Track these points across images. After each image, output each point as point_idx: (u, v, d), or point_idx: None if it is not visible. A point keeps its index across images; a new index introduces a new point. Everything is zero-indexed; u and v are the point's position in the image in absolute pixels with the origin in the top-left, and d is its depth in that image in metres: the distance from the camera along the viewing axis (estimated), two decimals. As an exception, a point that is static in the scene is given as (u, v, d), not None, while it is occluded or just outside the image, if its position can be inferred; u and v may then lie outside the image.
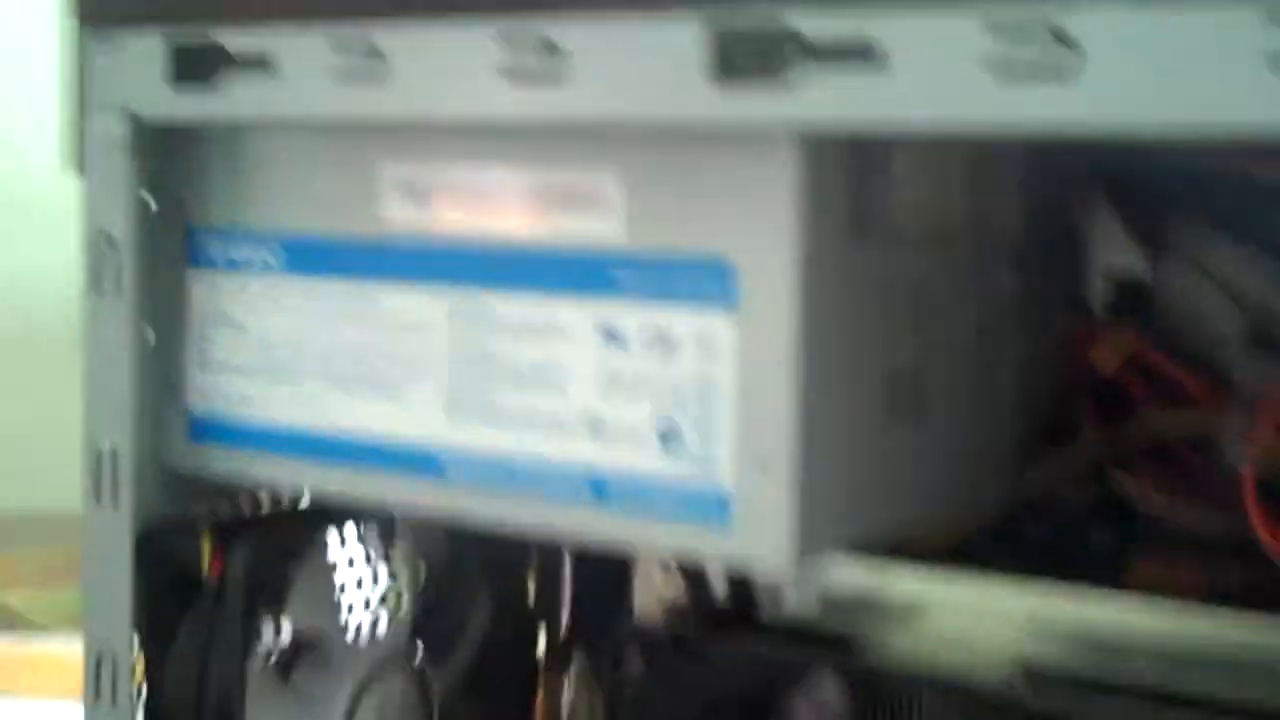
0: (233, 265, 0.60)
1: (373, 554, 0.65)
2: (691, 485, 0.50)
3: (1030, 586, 0.59)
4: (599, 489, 0.52)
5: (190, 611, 0.60)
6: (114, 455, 0.60)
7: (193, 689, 0.59)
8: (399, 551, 0.66)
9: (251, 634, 0.60)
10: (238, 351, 0.60)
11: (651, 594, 0.62)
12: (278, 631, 0.61)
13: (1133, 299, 0.58)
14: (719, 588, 0.62)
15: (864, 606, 0.62)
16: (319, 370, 0.58)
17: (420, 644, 0.66)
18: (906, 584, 0.61)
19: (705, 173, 0.49)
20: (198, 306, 0.61)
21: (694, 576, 0.62)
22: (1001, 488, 0.62)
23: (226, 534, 0.61)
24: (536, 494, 0.53)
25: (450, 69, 0.51)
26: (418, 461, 0.56)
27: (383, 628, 0.65)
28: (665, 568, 0.60)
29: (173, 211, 0.61)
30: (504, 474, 0.54)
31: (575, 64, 0.49)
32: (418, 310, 0.56)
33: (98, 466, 0.61)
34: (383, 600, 0.66)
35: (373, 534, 0.65)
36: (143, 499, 0.61)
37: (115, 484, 0.60)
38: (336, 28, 0.53)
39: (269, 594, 0.61)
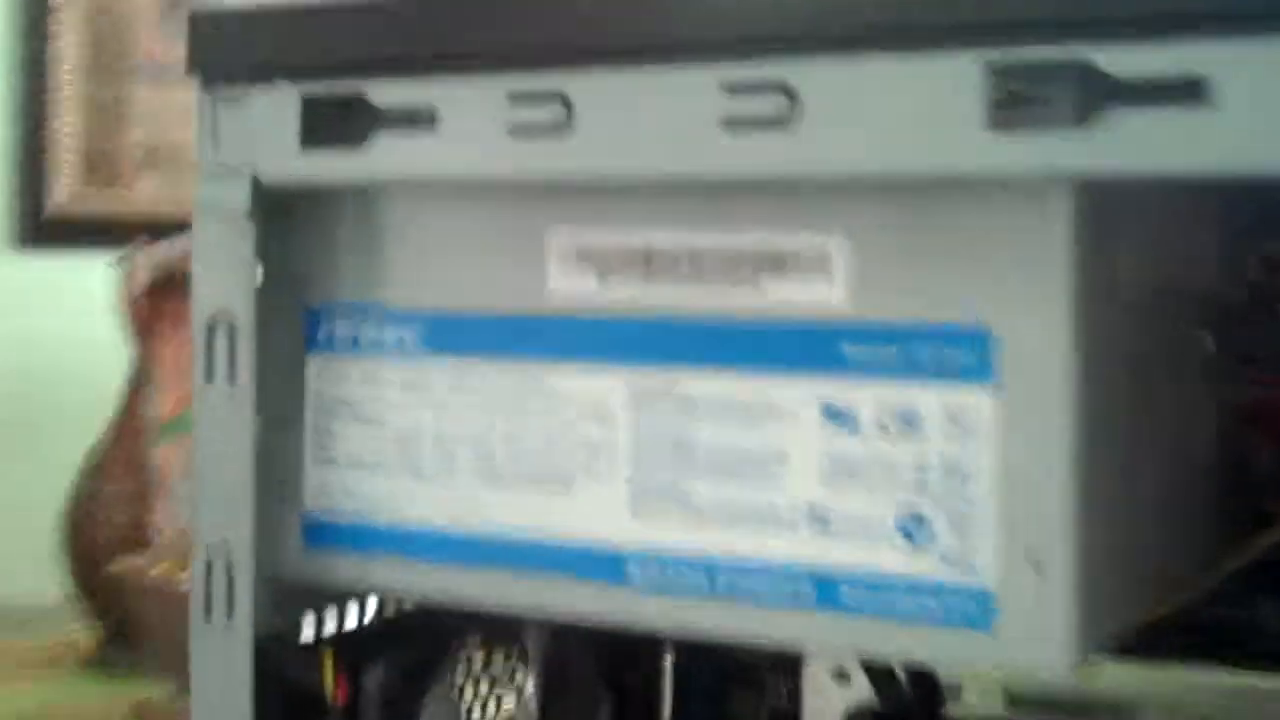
0: (360, 347, 0.54)
1: (499, 671, 0.58)
2: (943, 583, 0.44)
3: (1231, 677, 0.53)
4: (826, 591, 0.46)
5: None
6: (229, 564, 0.53)
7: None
8: (524, 665, 0.59)
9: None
10: (365, 444, 0.54)
11: (820, 699, 0.56)
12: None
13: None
14: (904, 690, 0.56)
15: (1054, 702, 0.57)
16: (467, 464, 0.52)
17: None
18: (1106, 678, 0.55)
19: (954, 230, 0.44)
20: (316, 395, 0.55)
21: (880, 679, 0.56)
22: (1194, 568, 0.57)
23: (354, 652, 0.54)
24: (747, 599, 0.47)
25: (656, 119, 0.45)
26: (596, 564, 0.49)
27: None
28: (839, 673, 0.53)
29: (290, 288, 0.54)
30: (704, 576, 0.48)
31: (813, 111, 0.43)
32: (594, 393, 0.49)
33: (208, 576, 0.53)
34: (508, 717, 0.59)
35: (499, 648, 0.58)
36: (256, 611, 0.53)
37: (231, 596, 0.53)
38: (508, 77, 0.47)
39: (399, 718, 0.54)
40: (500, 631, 0.58)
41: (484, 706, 0.58)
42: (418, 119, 0.49)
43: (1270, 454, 0.57)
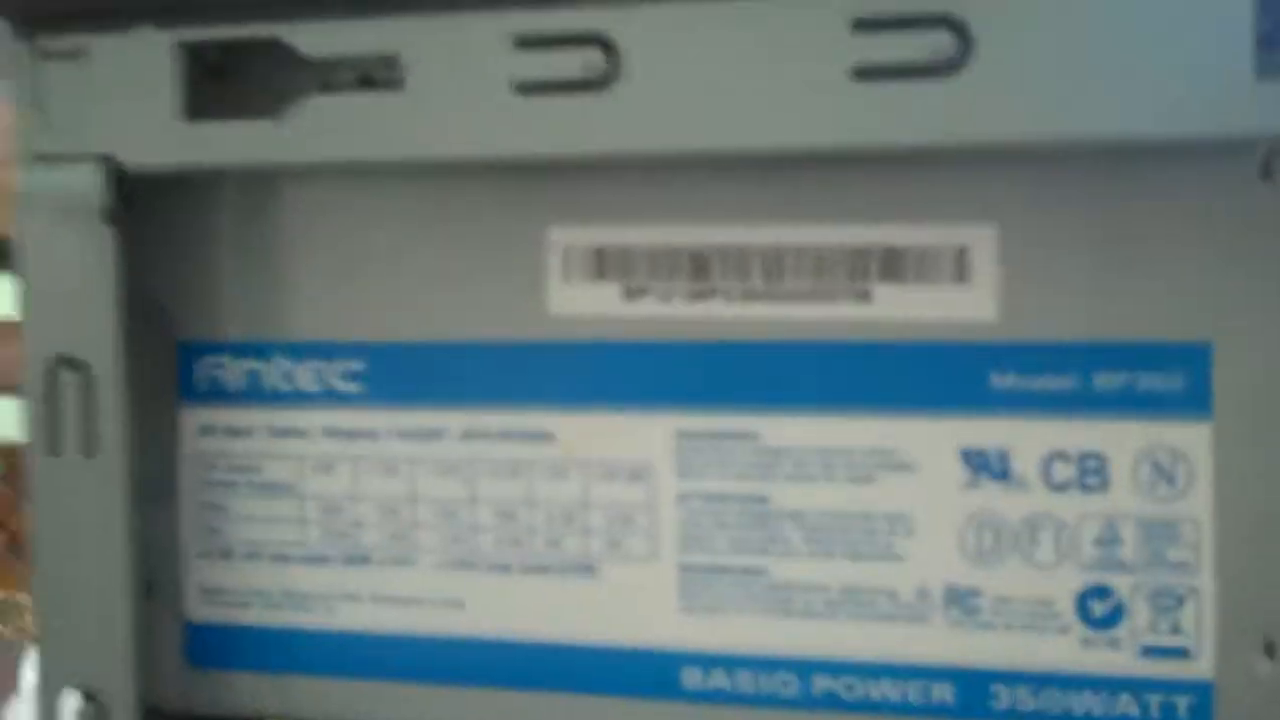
0: (264, 397, 0.39)
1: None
2: (1146, 679, 0.34)
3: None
4: (974, 695, 0.35)
5: None
6: (97, 708, 0.38)
7: None
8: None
9: None
10: (272, 526, 0.39)
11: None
12: None
13: None
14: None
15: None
16: (435, 547, 0.38)
17: None
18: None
19: (1149, 217, 0.33)
20: (197, 463, 0.40)
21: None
22: None
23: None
24: (859, 711, 0.35)
25: (772, 68, 0.33)
26: (634, 674, 0.37)
27: None
28: None
29: (157, 318, 0.39)
30: (791, 682, 0.36)
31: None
32: (625, 446, 0.37)
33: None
34: None
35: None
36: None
37: (98, 750, 0.38)
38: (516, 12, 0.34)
39: None
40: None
41: None
42: (374, 74, 0.35)
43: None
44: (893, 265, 0.35)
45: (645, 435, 0.36)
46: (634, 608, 0.37)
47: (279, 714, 0.40)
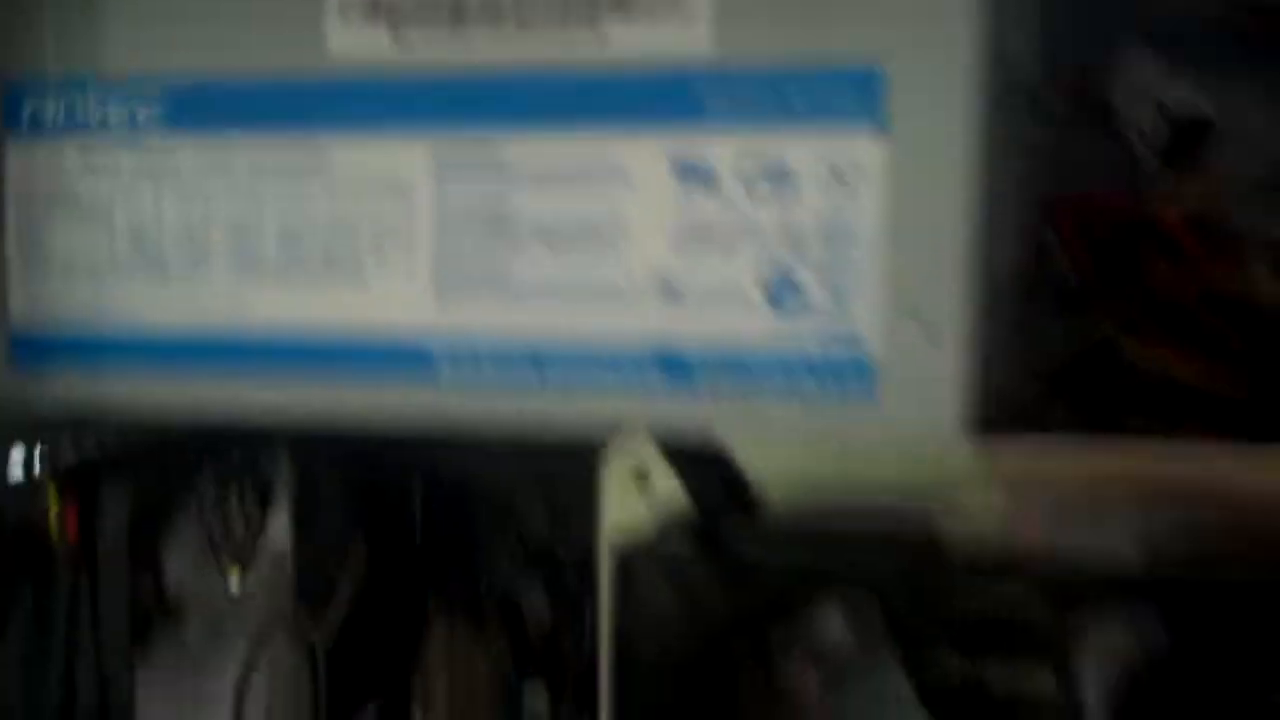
0: (77, 128, 0.44)
1: (248, 499, 0.51)
2: (819, 353, 0.40)
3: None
4: (677, 368, 0.41)
5: (42, 580, 0.44)
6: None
7: (58, 676, 0.43)
8: (274, 495, 0.51)
9: (124, 602, 0.45)
10: (87, 244, 0.44)
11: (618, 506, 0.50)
12: (158, 597, 0.46)
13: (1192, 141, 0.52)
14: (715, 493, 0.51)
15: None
16: (227, 257, 0.43)
17: (300, 600, 0.52)
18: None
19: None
20: (20, 189, 0.45)
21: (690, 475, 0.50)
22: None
23: (84, 485, 0.45)
24: (581, 384, 0.41)
25: None
26: (396, 360, 0.43)
27: (262, 583, 0.51)
28: (640, 474, 0.47)
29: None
30: (528, 364, 0.42)
31: None
32: (389, 166, 0.42)
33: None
34: (260, 552, 0.51)
35: (248, 475, 0.50)
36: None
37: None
38: None
39: (142, 554, 0.45)
40: (246, 462, 0.50)
41: (229, 542, 0.50)
42: None
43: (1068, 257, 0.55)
44: (622, 3, 0.41)
45: (408, 158, 0.42)
46: (396, 306, 0.42)
47: (91, 404, 0.45)
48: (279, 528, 0.51)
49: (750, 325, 0.40)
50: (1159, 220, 0.50)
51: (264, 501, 0.51)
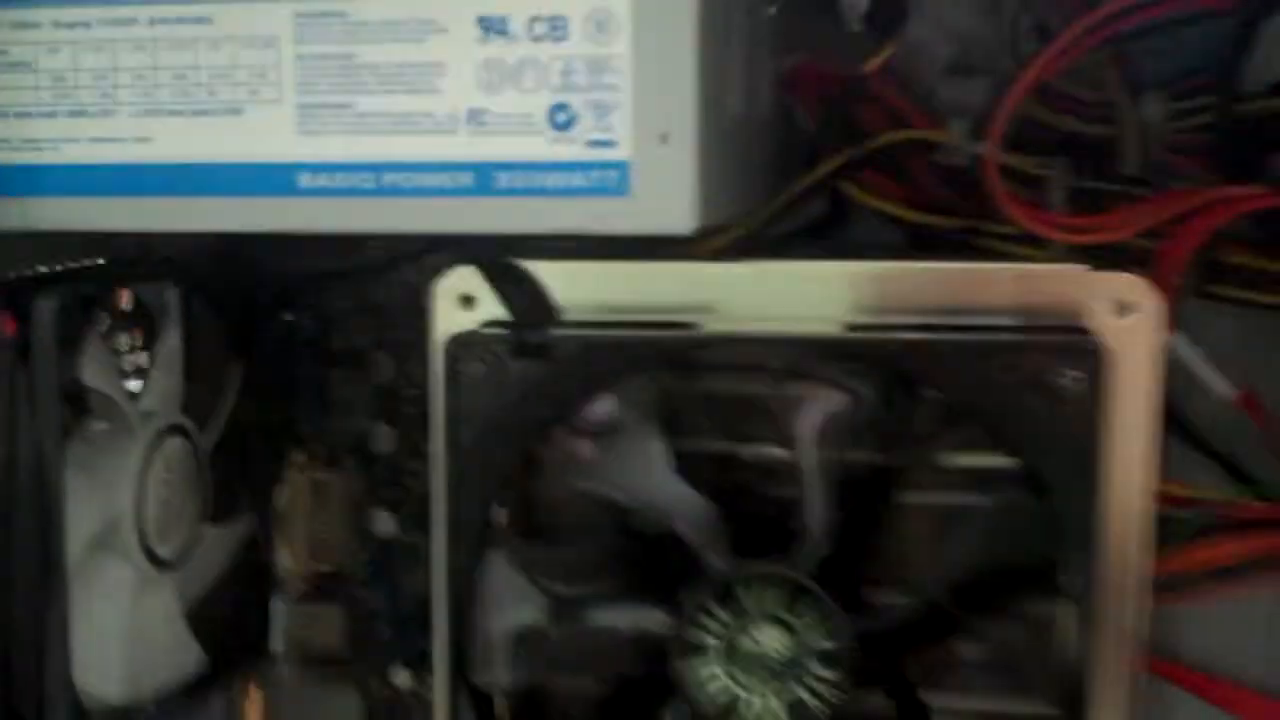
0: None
1: (150, 315, 0.62)
2: (588, 161, 0.53)
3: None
4: (484, 179, 0.54)
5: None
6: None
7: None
8: (168, 313, 0.63)
9: (56, 387, 0.56)
10: (17, 91, 0.56)
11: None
12: (78, 395, 0.58)
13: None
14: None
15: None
16: (132, 100, 0.56)
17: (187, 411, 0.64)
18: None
19: None
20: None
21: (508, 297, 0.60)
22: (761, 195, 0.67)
23: (19, 290, 0.56)
24: (410, 193, 0.54)
25: None
26: (268, 180, 0.55)
27: (158, 393, 0.63)
28: (464, 298, 0.59)
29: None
30: (370, 178, 0.54)
31: None
32: (259, 23, 0.55)
33: None
34: (155, 365, 0.63)
35: (148, 294, 0.62)
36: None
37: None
38: None
39: (68, 355, 0.57)
40: (146, 277, 0.62)
41: (134, 352, 0.62)
42: None
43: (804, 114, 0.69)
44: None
45: (276, 16, 0.54)
46: (267, 135, 0.55)
47: (23, 225, 0.57)
48: (172, 341, 0.63)
49: (536, 142, 0.53)
50: (868, 80, 0.64)
51: (159, 318, 0.63)
